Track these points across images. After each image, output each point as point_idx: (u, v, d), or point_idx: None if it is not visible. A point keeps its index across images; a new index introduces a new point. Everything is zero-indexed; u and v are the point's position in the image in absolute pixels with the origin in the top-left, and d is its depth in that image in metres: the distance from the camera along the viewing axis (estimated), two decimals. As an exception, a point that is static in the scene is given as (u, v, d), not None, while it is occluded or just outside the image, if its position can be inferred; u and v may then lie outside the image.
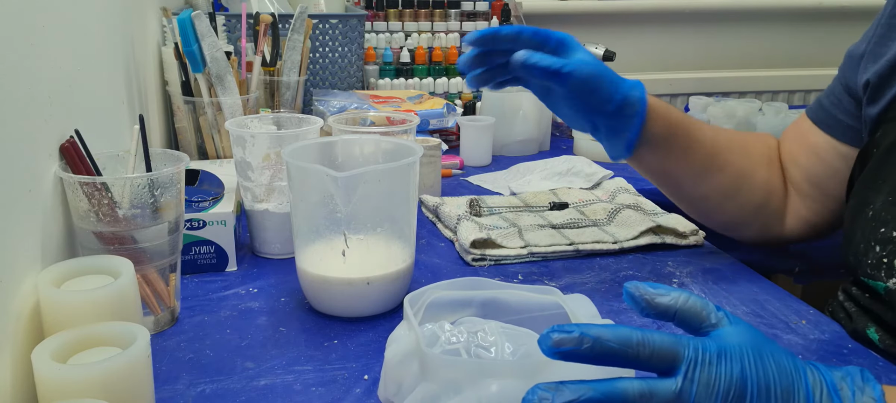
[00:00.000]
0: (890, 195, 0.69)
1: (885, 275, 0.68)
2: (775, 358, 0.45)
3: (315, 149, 0.76)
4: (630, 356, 0.43)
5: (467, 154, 1.29)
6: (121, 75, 0.91)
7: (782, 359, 0.45)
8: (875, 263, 0.69)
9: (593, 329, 0.43)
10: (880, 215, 0.69)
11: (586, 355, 0.43)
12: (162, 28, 1.23)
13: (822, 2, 2.08)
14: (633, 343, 0.43)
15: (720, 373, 0.43)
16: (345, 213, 0.68)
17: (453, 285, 0.61)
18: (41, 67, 0.62)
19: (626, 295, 0.47)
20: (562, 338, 0.43)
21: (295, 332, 0.69)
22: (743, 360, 0.44)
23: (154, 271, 0.67)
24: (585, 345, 0.43)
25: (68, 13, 0.71)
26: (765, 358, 0.44)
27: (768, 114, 1.50)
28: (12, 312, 0.54)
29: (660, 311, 0.47)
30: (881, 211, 0.69)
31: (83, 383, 0.48)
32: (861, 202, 0.72)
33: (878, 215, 0.70)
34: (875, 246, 0.69)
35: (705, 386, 0.43)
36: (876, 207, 0.70)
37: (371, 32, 1.59)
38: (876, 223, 0.69)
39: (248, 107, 1.09)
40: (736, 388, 0.43)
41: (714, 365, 0.43)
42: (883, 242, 0.68)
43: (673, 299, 0.46)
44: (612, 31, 1.97)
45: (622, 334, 0.43)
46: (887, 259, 0.68)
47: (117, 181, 0.65)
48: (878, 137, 0.73)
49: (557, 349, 0.43)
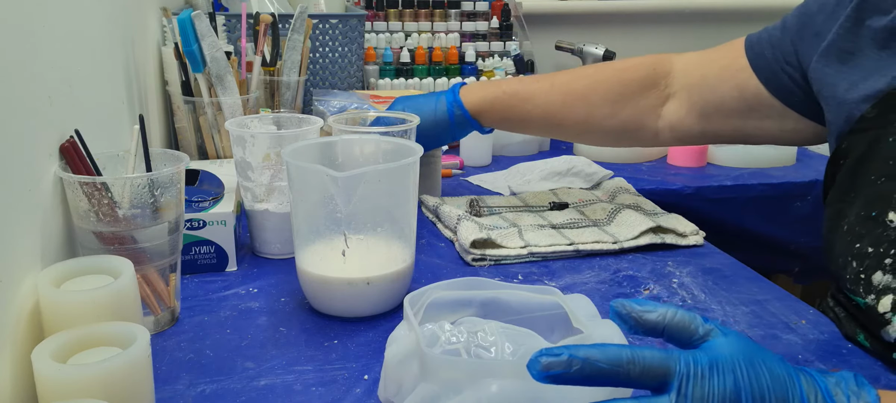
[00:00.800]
0: (862, 209, 0.67)
1: (863, 291, 0.67)
2: (768, 366, 0.45)
3: (315, 149, 0.76)
4: (621, 375, 0.43)
5: (467, 154, 1.29)
6: (121, 75, 0.91)
7: (775, 367, 0.45)
8: (853, 278, 0.68)
9: (582, 350, 0.43)
10: (854, 229, 0.68)
11: (576, 377, 0.43)
12: (162, 28, 1.23)
13: (822, 2, 2.09)
14: (624, 362, 0.43)
15: (713, 386, 0.43)
16: (345, 213, 0.68)
17: (453, 285, 0.61)
18: (41, 67, 0.62)
19: (613, 314, 0.47)
20: (550, 362, 0.42)
21: (295, 332, 0.69)
22: (735, 371, 0.43)
23: (154, 271, 0.67)
24: (575, 368, 0.42)
25: (68, 13, 0.71)
26: (757, 367, 0.44)
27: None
28: (12, 312, 0.54)
29: (648, 328, 0.46)
30: (855, 225, 0.68)
31: (83, 383, 0.48)
32: (836, 214, 0.71)
33: (852, 229, 0.68)
34: (852, 261, 0.68)
35: (699, 401, 0.42)
36: (850, 221, 0.69)
37: (371, 32, 1.59)
38: (851, 237, 0.68)
39: (248, 107, 1.09)
40: (730, 400, 0.43)
41: (707, 379, 0.43)
42: (859, 257, 0.67)
43: (660, 315, 0.46)
44: (612, 31, 1.96)
45: (611, 353, 0.43)
46: (864, 274, 0.67)
47: (117, 181, 0.65)
48: (845, 148, 0.71)
49: (547, 373, 0.42)
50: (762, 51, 0.83)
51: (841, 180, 0.71)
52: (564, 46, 1.80)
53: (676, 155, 1.33)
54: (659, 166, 1.32)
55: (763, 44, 0.84)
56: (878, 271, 0.65)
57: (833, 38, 0.73)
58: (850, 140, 0.70)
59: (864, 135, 0.69)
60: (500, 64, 1.61)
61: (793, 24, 0.80)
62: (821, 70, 0.74)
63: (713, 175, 1.27)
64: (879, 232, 0.66)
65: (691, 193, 1.19)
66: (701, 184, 1.21)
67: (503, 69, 1.61)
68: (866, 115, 0.69)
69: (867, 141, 0.68)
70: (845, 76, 0.71)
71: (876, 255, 0.66)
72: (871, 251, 0.66)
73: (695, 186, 1.20)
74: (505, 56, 1.64)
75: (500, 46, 1.65)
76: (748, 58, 0.85)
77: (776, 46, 0.82)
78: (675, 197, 1.18)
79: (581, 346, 0.43)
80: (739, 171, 1.28)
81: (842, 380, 0.46)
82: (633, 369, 0.43)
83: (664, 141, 0.95)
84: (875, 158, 0.67)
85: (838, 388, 0.46)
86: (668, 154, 1.34)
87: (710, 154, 1.34)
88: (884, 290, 0.65)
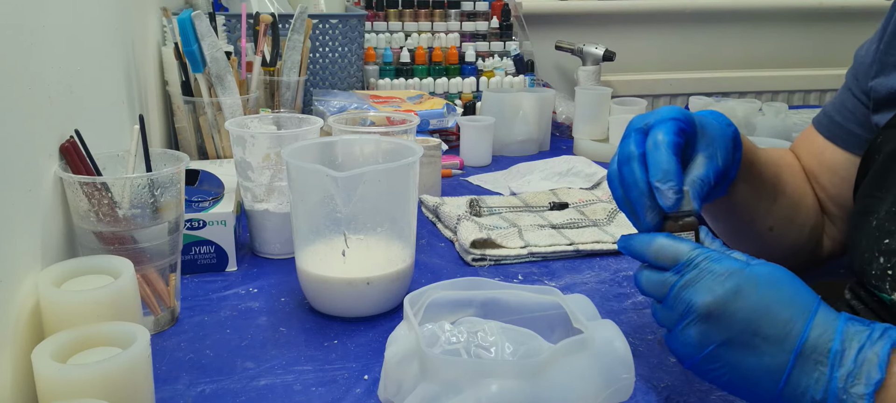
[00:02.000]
0: (893, 205, 0.67)
1: (889, 287, 0.67)
2: (789, 285, 0.52)
3: (315, 149, 0.76)
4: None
5: (467, 154, 1.29)
6: (121, 75, 0.91)
7: (799, 291, 0.51)
8: (879, 274, 0.68)
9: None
10: (884, 225, 0.68)
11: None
12: (162, 28, 1.23)
13: (823, 2, 2.08)
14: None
15: (714, 268, 0.52)
16: (345, 213, 0.68)
17: (453, 285, 0.61)
18: (41, 67, 0.62)
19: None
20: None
21: (295, 332, 0.69)
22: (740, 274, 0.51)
23: (154, 271, 0.67)
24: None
25: (68, 13, 0.71)
26: (774, 282, 0.51)
27: (768, 114, 1.50)
28: (12, 312, 0.54)
29: None
30: (885, 222, 0.68)
31: (83, 383, 0.48)
32: (865, 209, 0.71)
33: (881, 225, 0.68)
34: (879, 257, 0.68)
35: (696, 276, 0.52)
36: (880, 217, 0.69)
37: (371, 32, 1.59)
38: (880, 233, 0.68)
39: (248, 107, 1.09)
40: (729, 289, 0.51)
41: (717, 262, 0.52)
42: (887, 253, 0.67)
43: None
44: (612, 31, 1.97)
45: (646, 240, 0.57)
46: (892, 271, 0.67)
47: (117, 181, 0.65)
48: (879, 142, 0.71)
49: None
50: (831, 119, 0.80)
51: (873, 175, 0.71)
52: (564, 46, 1.80)
53: (676, 155, 1.32)
54: (659, 166, 1.32)
55: (830, 115, 0.81)
56: None
57: (878, 54, 0.75)
58: (884, 135, 0.71)
59: (894, 131, 0.69)
60: (500, 64, 1.61)
61: (849, 75, 0.80)
62: (869, 83, 0.75)
63: (713, 175, 1.27)
64: None
65: (691, 193, 1.19)
66: (701, 184, 1.20)
67: (503, 69, 1.61)
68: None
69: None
70: (887, 83, 0.73)
71: None
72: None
73: (695, 186, 1.20)
74: (505, 56, 1.64)
75: (500, 46, 1.65)
76: (823, 135, 0.81)
77: (840, 108, 0.80)
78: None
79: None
80: (739, 171, 1.28)
81: (871, 329, 0.49)
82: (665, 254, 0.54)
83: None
84: None
85: (857, 336, 0.49)
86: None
87: (710, 154, 1.33)
88: None
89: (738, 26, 2.11)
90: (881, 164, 0.70)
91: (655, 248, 0.55)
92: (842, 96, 0.82)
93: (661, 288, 0.55)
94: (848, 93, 0.80)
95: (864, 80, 0.78)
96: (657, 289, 0.55)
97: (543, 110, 1.37)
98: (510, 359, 0.55)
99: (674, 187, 0.56)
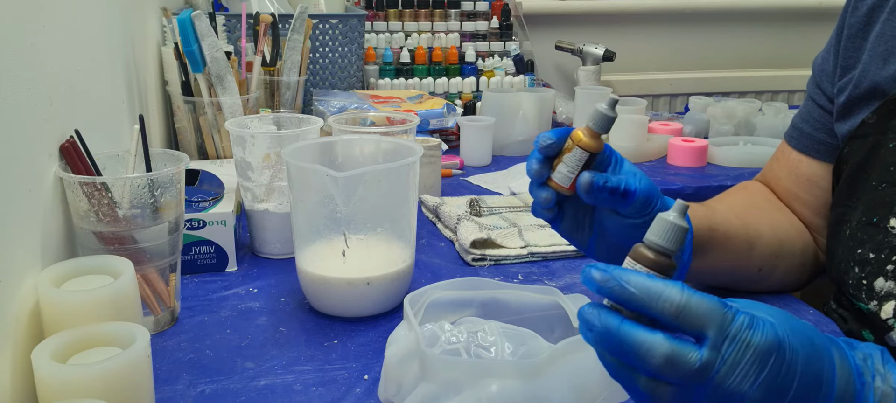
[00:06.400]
0: (863, 215, 0.68)
1: (865, 297, 0.67)
2: (807, 332, 0.44)
3: (315, 149, 0.76)
4: (654, 309, 0.42)
5: (467, 154, 1.29)
6: (121, 75, 0.91)
7: (814, 335, 0.45)
8: (855, 283, 0.68)
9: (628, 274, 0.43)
10: (856, 235, 0.68)
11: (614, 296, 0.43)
12: (162, 28, 1.23)
13: (823, 2, 2.08)
14: (661, 298, 0.42)
15: (754, 338, 0.42)
16: (345, 213, 0.68)
17: (453, 285, 0.61)
18: (41, 67, 0.62)
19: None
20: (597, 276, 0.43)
21: (295, 332, 0.69)
22: (776, 328, 0.42)
23: (154, 271, 0.67)
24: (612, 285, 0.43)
25: (68, 13, 0.71)
26: (798, 330, 0.44)
27: (768, 114, 1.50)
28: (12, 312, 0.54)
29: None
30: (857, 231, 0.68)
31: (83, 383, 0.48)
32: (838, 220, 0.71)
33: (854, 235, 0.68)
34: (854, 267, 0.68)
35: (740, 354, 0.41)
36: (852, 226, 0.69)
37: (371, 32, 1.59)
38: (853, 243, 0.68)
39: (248, 107, 1.09)
40: (772, 352, 0.42)
41: (748, 330, 0.42)
42: (861, 263, 0.67)
43: None
44: (612, 31, 1.97)
45: (651, 286, 0.42)
46: (866, 280, 0.67)
47: (117, 181, 0.65)
48: (846, 153, 0.71)
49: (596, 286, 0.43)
50: (801, 132, 0.80)
51: (843, 186, 0.71)
52: (564, 46, 1.80)
53: (676, 154, 1.33)
54: (659, 166, 1.32)
55: (799, 127, 0.81)
56: (880, 277, 0.66)
57: (839, 60, 0.74)
58: (851, 146, 0.70)
59: (864, 141, 0.69)
60: (500, 64, 1.61)
61: (811, 85, 0.80)
62: (842, 85, 0.75)
63: (713, 175, 1.27)
64: (881, 239, 0.66)
65: (691, 193, 1.19)
66: (701, 184, 1.21)
67: (503, 69, 1.61)
68: (867, 121, 0.69)
69: (867, 147, 0.68)
70: (847, 90, 0.72)
71: (878, 261, 0.66)
72: (873, 257, 0.66)
73: (695, 186, 1.20)
74: (505, 56, 1.64)
75: (500, 46, 1.65)
76: (796, 149, 0.81)
77: (807, 118, 0.80)
78: (675, 196, 1.18)
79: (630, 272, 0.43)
80: (739, 171, 1.28)
81: (869, 356, 0.46)
82: (668, 307, 0.41)
83: None
84: (875, 164, 0.67)
85: (866, 365, 0.46)
86: (668, 154, 1.34)
87: (710, 154, 1.34)
88: (886, 296, 0.65)
89: (738, 26, 2.11)
90: (849, 175, 0.70)
91: (675, 304, 0.41)
92: (807, 107, 0.81)
93: (671, 366, 0.41)
94: (812, 103, 0.80)
95: (830, 87, 0.77)
96: (659, 364, 0.41)
97: (543, 110, 1.37)
98: (510, 359, 0.55)
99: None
